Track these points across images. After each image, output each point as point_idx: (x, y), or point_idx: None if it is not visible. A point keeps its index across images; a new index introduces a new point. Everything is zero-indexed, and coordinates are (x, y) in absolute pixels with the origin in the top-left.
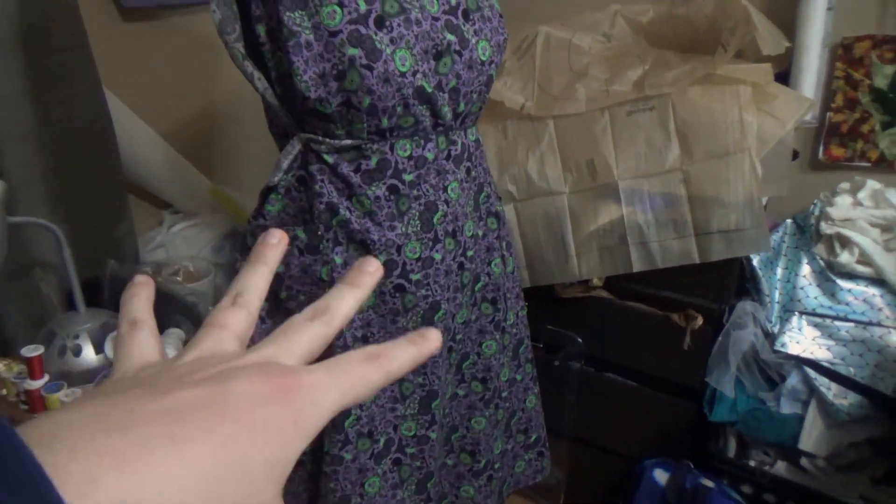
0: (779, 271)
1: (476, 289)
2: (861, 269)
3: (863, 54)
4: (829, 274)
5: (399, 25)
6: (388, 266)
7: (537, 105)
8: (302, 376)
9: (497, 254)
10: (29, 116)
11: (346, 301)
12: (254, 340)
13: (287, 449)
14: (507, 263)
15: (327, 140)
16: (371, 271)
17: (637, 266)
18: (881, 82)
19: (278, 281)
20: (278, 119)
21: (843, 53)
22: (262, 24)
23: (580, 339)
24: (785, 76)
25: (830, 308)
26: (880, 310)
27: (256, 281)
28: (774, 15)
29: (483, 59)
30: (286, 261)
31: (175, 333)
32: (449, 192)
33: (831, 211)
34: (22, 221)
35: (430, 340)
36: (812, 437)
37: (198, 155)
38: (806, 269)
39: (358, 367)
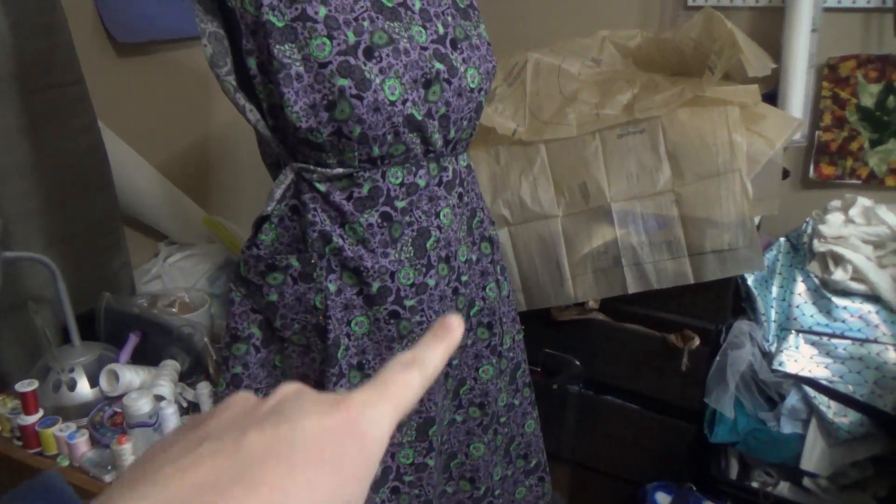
0: (774, 290)
1: (471, 314)
2: (855, 286)
3: (848, 74)
4: (823, 292)
5: (388, 55)
6: (383, 293)
7: (529, 130)
8: (355, 398)
9: (492, 278)
10: (25, 151)
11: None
12: (251, 369)
13: (362, 483)
14: (501, 288)
15: (319, 169)
16: (454, 328)
17: (632, 287)
18: (868, 101)
19: (272, 310)
20: (270, 149)
21: (829, 73)
22: (252, 57)
23: (578, 362)
24: (773, 96)
25: (827, 326)
26: (876, 326)
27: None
28: (760, 36)
29: (472, 86)
30: (280, 290)
31: (171, 365)
32: (441, 217)
33: (823, 229)
34: (17, 257)
35: (454, 329)
36: (814, 456)
37: (192, 186)
38: (801, 287)
39: (399, 375)
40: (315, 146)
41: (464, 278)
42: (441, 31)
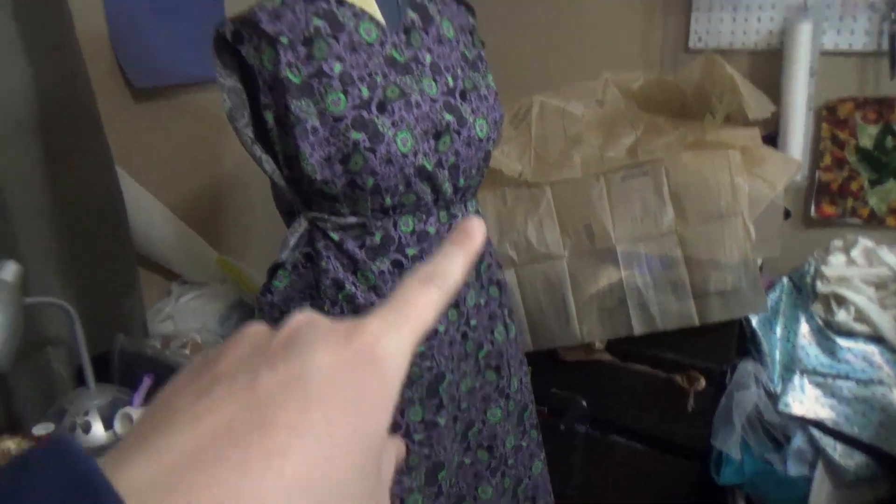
0: (778, 330)
1: (480, 357)
2: (859, 327)
3: (847, 115)
4: (827, 332)
5: (400, 109)
6: None
7: (534, 172)
8: (371, 324)
9: (499, 321)
10: (44, 195)
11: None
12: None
13: (383, 414)
14: (509, 330)
15: (333, 218)
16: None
17: (638, 329)
18: (866, 142)
19: None
20: (285, 198)
21: (828, 115)
22: (270, 110)
23: (584, 402)
24: (773, 138)
25: (831, 367)
26: (880, 367)
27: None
28: (760, 79)
29: (481, 136)
30: None
31: None
32: None
33: (826, 270)
34: (37, 302)
35: (475, 234)
36: (821, 498)
37: (205, 225)
38: (804, 327)
39: (419, 294)
40: (329, 196)
41: (472, 322)
42: (451, 83)
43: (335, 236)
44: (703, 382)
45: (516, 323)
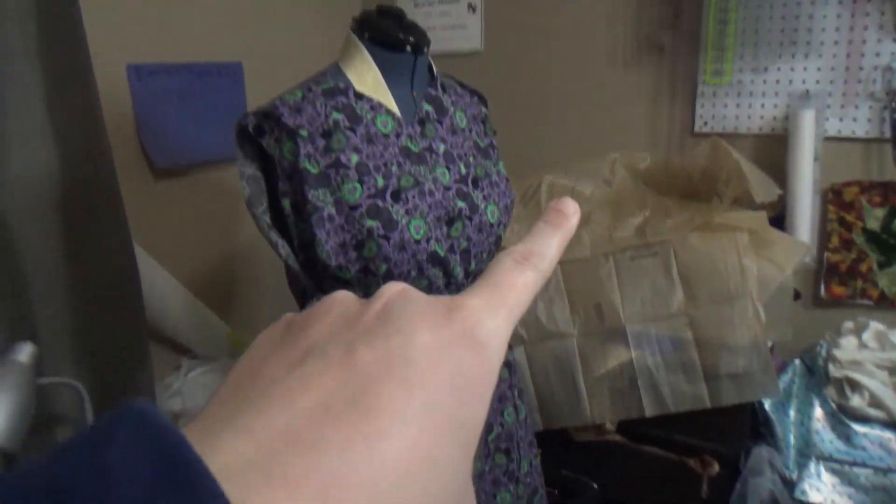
0: (791, 414)
1: (489, 439)
2: (874, 412)
3: (853, 198)
4: (842, 417)
5: (414, 197)
6: None
7: None
8: (470, 304)
9: (509, 403)
10: (62, 275)
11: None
12: None
13: (482, 402)
14: (519, 412)
15: None
16: (571, 213)
17: (649, 411)
18: (873, 224)
19: None
20: (298, 281)
21: (834, 198)
22: (287, 198)
23: (595, 485)
24: (780, 220)
25: (847, 453)
26: None
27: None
28: (765, 161)
29: (492, 221)
30: None
31: None
32: None
33: (837, 353)
34: (50, 382)
35: (570, 213)
36: None
37: (218, 301)
38: (818, 411)
39: (515, 275)
40: (343, 281)
41: None
42: (463, 171)
43: None
44: (716, 467)
45: (526, 403)
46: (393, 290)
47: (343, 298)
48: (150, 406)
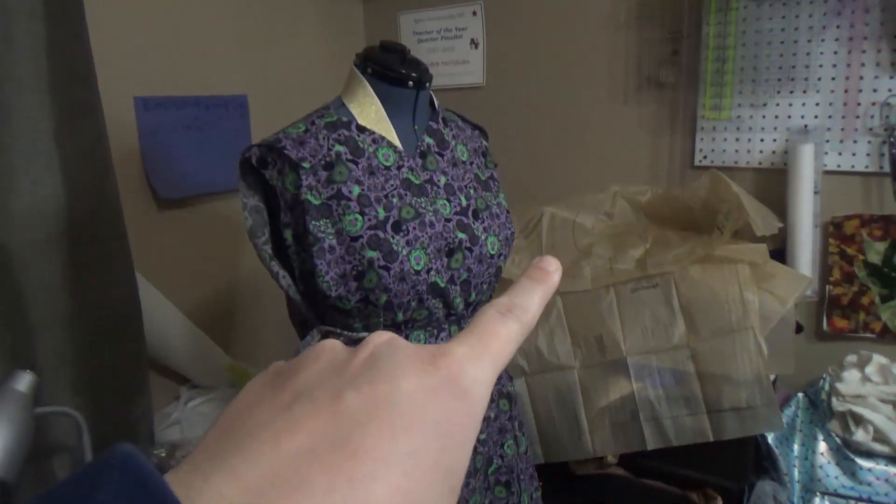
0: (795, 448)
1: (489, 472)
2: (878, 447)
3: (853, 232)
4: (846, 452)
5: (414, 228)
6: None
7: None
8: (455, 352)
9: (510, 435)
10: (64, 304)
11: (534, 298)
12: None
13: (465, 447)
14: (519, 444)
15: (345, 332)
16: (552, 270)
17: (651, 444)
18: (874, 257)
19: None
20: (299, 311)
21: (835, 231)
22: (289, 229)
23: None
24: (781, 252)
25: (853, 489)
26: None
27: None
28: (765, 194)
29: (492, 252)
30: None
31: None
32: None
33: (841, 387)
34: (48, 412)
35: (551, 271)
36: None
37: (218, 330)
38: (822, 446)
39: (498, 325)
40: (343, 311)
41: (482, 436)
42: (464, 203)
43: None
44: (720, 501)
45: (527, 435)
46: (380, 338)
47: (332, 346)
48: (134, 452)
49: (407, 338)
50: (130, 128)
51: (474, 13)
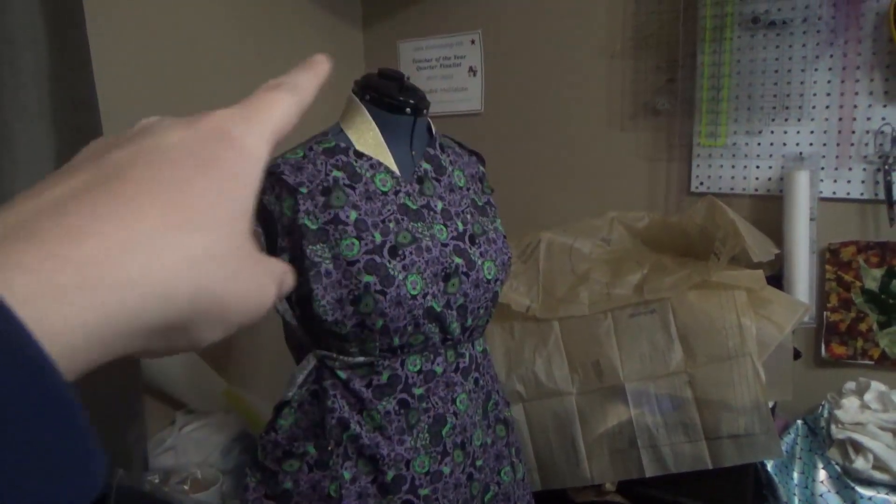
0: (795, 476)
1: (486, 499)
2: (879, 475)
3: (850, 258)
4: (846, 480)
5: (411, 253)
6: (397, 481)
7: (542, 307)
8: (219, 112)
9: (506, 461)
10: None
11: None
12: None
13: (246, 186)
14: (516, 470)
15: (341, 357)
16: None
17: (649, 471)
18: (871, 284)
19: (286, 498)
20: (295, 335)
21: (832, 257)
22: (286, 253)
23: None
24: (778, 278)
25: None
26: None
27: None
28: (762, 221)
29: (489, 277)
30: (295, 477)
31: None
32: (458, 403)
33: (840, 414)
34: None
35: (321, 62)
36: None
37: (215, 355)
38: (822, 474)
39: (265, 93)
40: (339, 336)
41: (479, 463)
42: (461, 228)
43: (342, 375)
44: None
45: (524, 461)
46: (149, 119)
47: (102, 138)
48: None
49: (403, 363)
50: None
51: (473, 42)
